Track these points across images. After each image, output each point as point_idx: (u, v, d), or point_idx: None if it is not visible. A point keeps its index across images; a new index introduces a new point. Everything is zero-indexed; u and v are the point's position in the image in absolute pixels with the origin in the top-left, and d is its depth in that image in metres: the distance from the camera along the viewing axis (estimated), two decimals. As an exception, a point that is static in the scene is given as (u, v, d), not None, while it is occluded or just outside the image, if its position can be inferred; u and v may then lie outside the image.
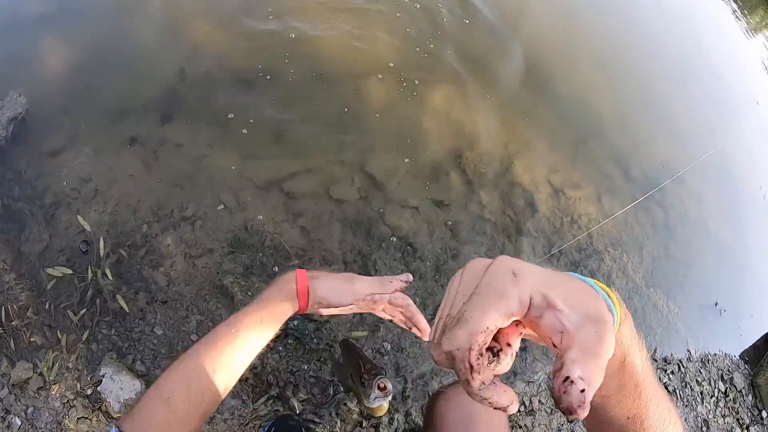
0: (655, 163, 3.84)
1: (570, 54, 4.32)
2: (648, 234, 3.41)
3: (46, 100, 2.86)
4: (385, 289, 1.12)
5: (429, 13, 3.75)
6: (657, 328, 3.06)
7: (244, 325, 1.06)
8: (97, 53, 3.12)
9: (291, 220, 2.54)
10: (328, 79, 3.14)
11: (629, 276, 3.12)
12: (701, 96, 4.97)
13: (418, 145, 2.99)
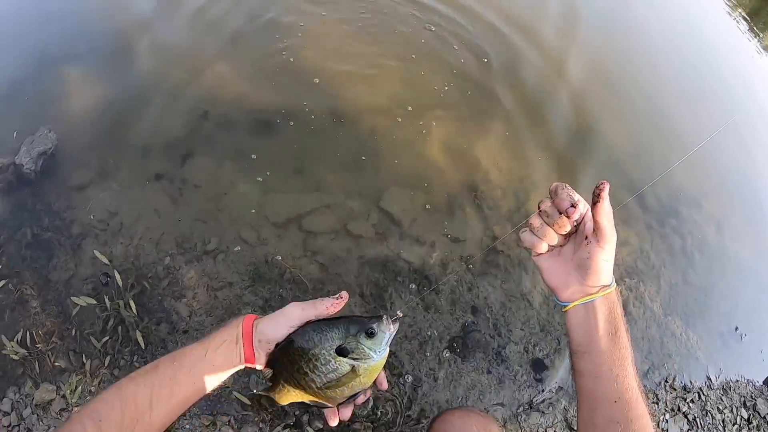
0: (670, 189, 3.83)
1: (580, 85, 4.35)
2: (665, 262, 3.39)
3: (74, 136, 3.01)
4: (318, 312, 1.05)
5: (442, 56, 3.88)
6: (676, 356, 3.02)
7: (188, 360, 1.01)
8: (124, 92, 3.26)
9: (309, 255, 2.62)
10: (346, 119, 3.26)
11: (646, 305, 3.12)
12: (718, 117, 4.95)
13: (434, 181, 3.06)
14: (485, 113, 3.61)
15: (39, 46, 3.54)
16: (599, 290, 1.00)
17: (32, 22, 3.76)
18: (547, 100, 3.92)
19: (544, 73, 4.16)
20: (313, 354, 0.98)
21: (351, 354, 0.97)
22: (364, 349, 0.97)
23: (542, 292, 2.80)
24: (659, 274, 3.31)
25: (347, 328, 0.98)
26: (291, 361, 1.00)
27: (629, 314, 3.01)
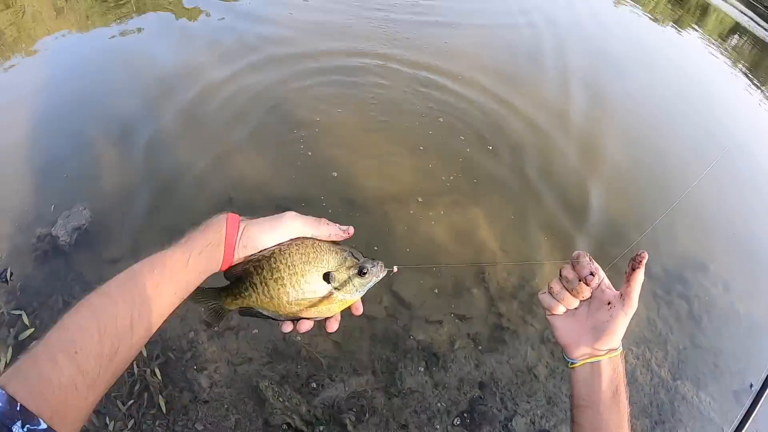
0: (675, 255, 3.97)
1: (580, 158, 4.62)
2: (672, 328, 3.50)
3: (108, 213, 3.32)
4: (319, 233, 1.00)
5: (450, 146, 4.23)
6: (688, 421, 3.08)
7: (169, 267, 0.90)
8: (155, 176, 3.61)
9: (325, 334, 2.80)
10: (360, 209, 3.56)
11: (654, 371, 3.22)
12: (727, 184, 5.11)
13: (442, 263, 3.30)
14: (491, 199, 3.89)
15: (78, 127, 3.97)
16: (607, 352, 1.07)
17: (73, 104, 4.24)
18: (550, 183, 4.17)
19: (548, 158, 4.45)
20: (301, 269, 0.95)
21: (335, 283, 0.97)
22: (350, 284, 0.98)
23: (548, 365, 2.96)
24: (666, 340, 3.42)
25: (345, 259, 0.99)
26: (273, 269, 0.96)
27: (636, 381, 3.12)
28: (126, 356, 0.83)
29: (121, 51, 5.05)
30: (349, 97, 4.57)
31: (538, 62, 6.07)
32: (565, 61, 6.17)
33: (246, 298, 1.00)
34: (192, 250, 0.93)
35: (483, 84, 5.10)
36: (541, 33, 6.83)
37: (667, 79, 7.11)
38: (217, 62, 4.78)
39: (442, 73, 5.12)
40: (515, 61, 5.99)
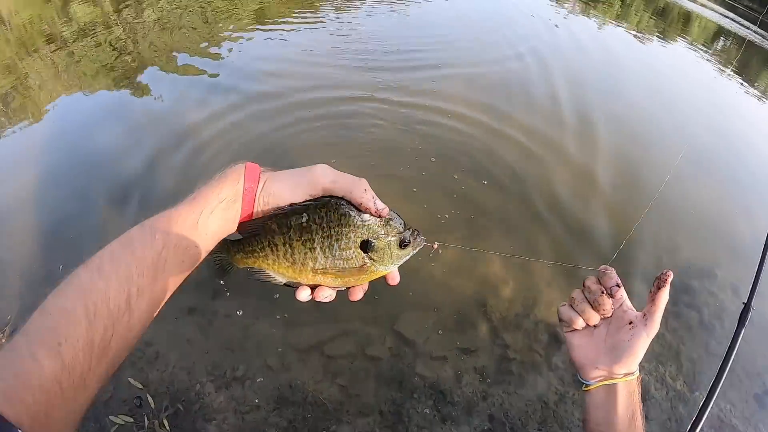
0: (678, 265, 3.97)
1: (566, 176, 4.68)
2: (683, 339, 3.46)
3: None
4: (353, 197, 0.82)
5: (444, 185, 4.31)
6: (709, 431, 3.02)
7: (175, 230, 0.75)
8: None
9: (330, 378, 2.90)
10: None
11: (668, 385, 3.18)
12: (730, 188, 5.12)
13: (444, 300, 3.35)
14: (490, 233, 3.94)
15: (83, 188, 4.15)
16: (624, 375, 1.04)
17: (77, 166, 4.46)
18: (550, 212, 4.22)
19: (546, 188, 4.51)
20: (337, 232, 0.81)
21: (372, 252, 0.84)
22: (388, 255, 0.85)
23: (557, 391, 2.95)
24: (678, 352, 3.38)
25: (388, 227, 0.84)
26: (303, 228, 0.81)
27: (652, 398, 3.08)
28: (124, 341, 0.69)
29: (120, 111, 5.37)
30: (341, 146, 4.70)
31: (529, 93, 6.22)
32: (554, 90, 6.32)
33: (262, 258, 0.86)
34: (203, 208, 0.78)
35: (473, 119, 5.23)
36: (529, 66, 7.01)
37: (659, 94, 7.20)
38: (208, 117, 5.03)
39: (431, 110, 5.28)
40: (504, 94, 6.12)
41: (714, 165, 5.51)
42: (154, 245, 0.73)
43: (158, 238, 0.73)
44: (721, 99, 7.82)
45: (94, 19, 10.19)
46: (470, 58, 7.01)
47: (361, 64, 6.33)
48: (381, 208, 0.82)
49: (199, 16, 9.64)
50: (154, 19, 9.73)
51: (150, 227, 0.75)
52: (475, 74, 6.46)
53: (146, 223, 0.76)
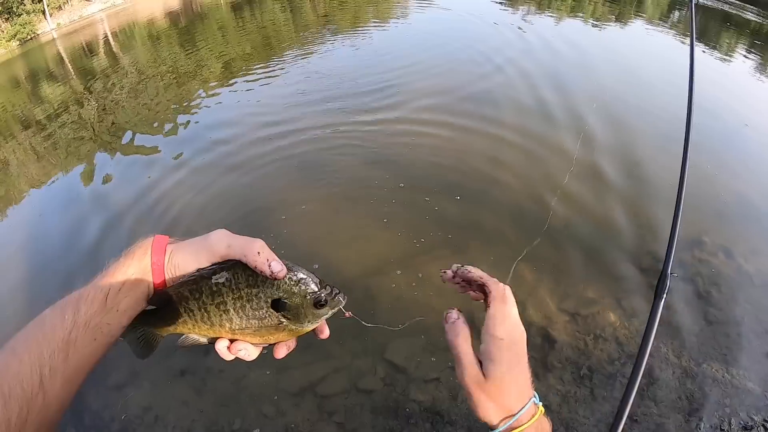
0: (663, 241, 3.88)
1: (545, 176, 4.68)
2: (682, 313, 3.39)
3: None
4: (248, 261, 0.79)
5: (416, 209, 4.38)
6: (724, 399, 2.92)
7: (84, 310, 0.76)
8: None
9: (326, 418, 2.90)
10: (341, 283, 3.59)
11: (673, 363, 3.11)
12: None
13: (430, 322, 3.28)
14: (468, 245, 3.96)
15: (69, 263, 4.40)
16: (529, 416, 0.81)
17: (60, 244, 4.76)
18: (522, 218, 4.24)
19: (516, 196, 4.54)
20: (247, 293, 0.81)
21: (286, 312, 0.82)
22: (304, 315, 0.83)
23: (558, 392, 2.90)
24: (678, 327, 3.31)
25: (298, 283, 0.82)
26: (213, 293, 0.81)
27: (658, 380, 3.00)
28: (41, 420, 0.70)
29: (96, 190, 5.64)
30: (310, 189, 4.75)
31: (494, 103, 6.29)
32: (516, 98, 6.38)
33: (181, 325, 0.85)
34: (110, 287, 0.78)
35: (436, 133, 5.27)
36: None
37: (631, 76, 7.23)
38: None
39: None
40: (471, 103, 6.18)
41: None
42: (65, 325, 0.74)
43: (68, 318, 0.74)
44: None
45: (65, 99, 10.42)
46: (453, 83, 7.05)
47: (338, 106, 6.41)
48: (277, 271, 0.79)
49: (165, 82, 9.84)
50: (127, 89, 9.94)
51: (61, 307, 0.76)
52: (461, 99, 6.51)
53: (58, 303, 0.77)
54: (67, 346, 0.73)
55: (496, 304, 0.85)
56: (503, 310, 0.85)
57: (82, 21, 26.54)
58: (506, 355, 0.81)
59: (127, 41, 18.00)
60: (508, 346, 0.82)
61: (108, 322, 0.78)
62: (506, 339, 0.82)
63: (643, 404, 2.84)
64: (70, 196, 5.89)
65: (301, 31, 12.71)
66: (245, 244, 0.80)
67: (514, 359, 0.81)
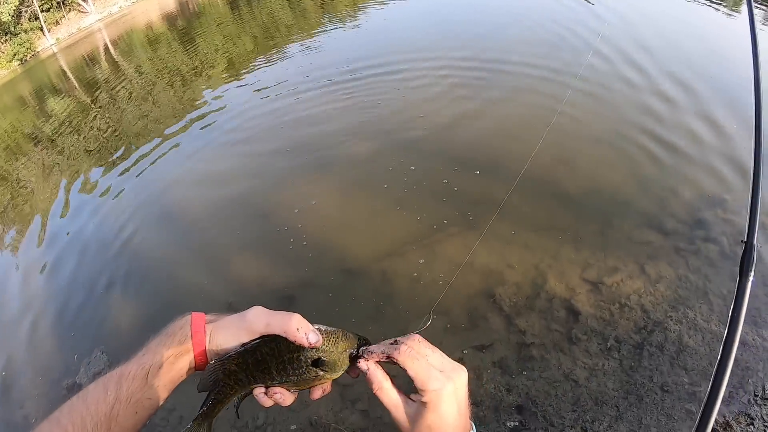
0: (687, 203, 3.77)
1: (562, 149, 4.54)
2: (708, 276, 3.27)
3: (125, 350, 3.48)
4: (289, 335, 0.82)
5: (432, 190, 4.32)
6: (756, 365, 2.80)
7: (126, 386, 0.81)
8: (160, 304, 3.86)
9: (350, 406, 2.84)
10: (358, 275, 3.65)
11: (702, 329, 3.00)
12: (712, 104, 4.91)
13: (450, 301, 3.25)
14: (484, 221, 3.80)
15: (85, 279, 4.37)
16: None
17: (76, 256, 4.74)
18: (540, 189, 4.10)
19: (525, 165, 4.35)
20: (289, 358, 0.86)
21: (323, 366, 0.87)
22: (340, 366, 0.88)
23: (585, 365, 2.81)
24: (706, 291, 3.20)
25: (337, 345, 0.87)
26: (258, 362, 0.86)
27: (687, 347, 2.90)
28: None
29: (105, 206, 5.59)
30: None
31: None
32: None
33: (231, 396, 0.92)
34: (151, 365, 0.84)
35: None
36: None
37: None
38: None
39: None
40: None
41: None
42: (107, 399, 0.79)
43: (110, 393, 0.80)
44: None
45: (71, 111, 10.47)
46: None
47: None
48: (314, 341, 0.83)
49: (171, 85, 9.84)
50: (127, 98, 9.97)
51: (103, 383, 0.82)
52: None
53: (100, 379, 0.82)
54: (109, 420, 0.79)
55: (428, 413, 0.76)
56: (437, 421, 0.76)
57: (80, 33, 26.65)
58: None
59: (127, 48, 18.03)
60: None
61: (149, 397, 0.83)
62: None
63: (673, 373, 2.75)
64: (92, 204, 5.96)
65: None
66: (283, 322, 0.84)
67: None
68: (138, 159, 6.66)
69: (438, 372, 0.75)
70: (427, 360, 0.76)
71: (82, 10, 28.84)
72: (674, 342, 2.92)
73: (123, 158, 6.86)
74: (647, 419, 2.56)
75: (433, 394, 0.74)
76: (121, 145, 7.44)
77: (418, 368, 0.75)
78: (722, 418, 2.58)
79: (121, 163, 6.73)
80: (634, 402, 2.63)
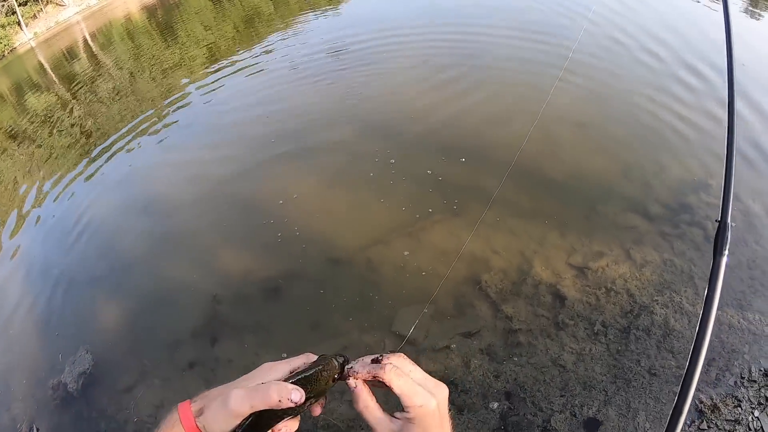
0: (671, 188, 3.78)
1: (547, 136, 4.51)
2: (693, 260, 3.28)
3: (111, 347, 3.52)
4: (266, 401, 0.80)
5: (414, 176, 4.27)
6: (742, 347, 2.82)
7: None
8: (144, 299, 3.82)
9: (338, 398, 2.81)
10: (343, 264, 3.62)
11: (689, 312, 3.01)
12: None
13: (436, 288, 3.21)
14: (471, 208, 3.83)
15: (66, 275, 4.30)
16: None
17: (56, 251, 4.67)
18: (525, 175, 4.06)
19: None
20: (283, 411, 0.86)
21: (315, 398, 0.87)
22: (328, 390, 0.89)
23: (573, 350, 2.80)
24: (691, 274, 3.21)
25: (318, 380, 0.87)
26: (259, 424, 0.85)
27: (673, 331, 2.91)
28: None
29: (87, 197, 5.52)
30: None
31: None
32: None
33: None
34: None
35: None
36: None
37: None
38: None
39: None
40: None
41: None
42: None
43: None
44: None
45: (50, 106, 10.27)
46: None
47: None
48: (298, 400, 0.80)
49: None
50: (110, 91, 9.81)
51: None
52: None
53: None
54: None
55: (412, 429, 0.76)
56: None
57: (58, 27, 26.10)
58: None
59: (106, 41, 17.72)
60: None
61: None
62: None
63: (660, 356, 2.76)
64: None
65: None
66: (264, 400, 0.81)
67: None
68: (117, 151, 6.55)
69: (422, 389, 0.76)
70: (411, 377, 0.77)
71: (60, 3, 28.27)
72: (660, 326, 2.93)
73: (104, 152, 6.73)
74: (635, 403, 2.56)
75: (419, 410, 0.74)
76: (101, 138, 7.31)
77: (404, 385, 0.75)
78: (710, 401, 2.59)
79: (102, 156, 6.61)
80: (622, 386, 2.64)
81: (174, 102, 7.78)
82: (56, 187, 6.21)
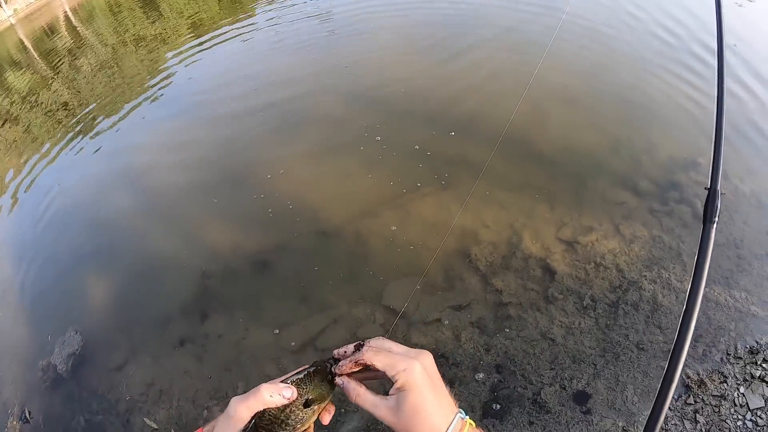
0: (661, 165, 3.78)
1: (537, 108, 4.48)
2: (681, 236, 3.29)
3: (101, 326, 3.49)
4: (267, 405, 0.84)
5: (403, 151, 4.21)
6: (728, 324, 2.85)
7: None
8: (133, 277, 3.78)
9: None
10: (332, 236, 3.57)
11: (676, 288, 3.03)
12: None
13: (426, 261, 3.21)
14: (460, 181, 3.80)
15: (52, 256, 4.22)
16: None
17: (41, 232, 4.59)
18: (515, 148, 4.05)
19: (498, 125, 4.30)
20: (285, 415, 0.90)
21: (314, 402, 0.92)
22: (328, 393, 0.93)
23: (562, 324, 2.81)
24: (679, 251, 3.22)
25: (311, 380, 0.93)
26: (265, 428, 0.89)
27: (661, 306, 2.92)
28: None
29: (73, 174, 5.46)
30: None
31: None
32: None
33: None
34: None
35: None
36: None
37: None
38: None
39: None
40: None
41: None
42: None
43: None
44: None
45: (32, 84, 10.03)
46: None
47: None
48: (290, 396, 0.86)
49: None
50: (93, 66, 9.59)
51: None
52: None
53: None
54: None
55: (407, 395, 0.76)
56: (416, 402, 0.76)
57: (39, 2, 25.49)
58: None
59: (88, 16, 17.33)
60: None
61: None
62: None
63: (648, 331, 2.77)
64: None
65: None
66: (258, 400, 0.85)
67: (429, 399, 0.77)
68: (102, 129, 6.41)
69: (402, 357, 0.77)
70: (390, 351, 0.79)
71: (40, -21, 27.61)
72: (648, 301, 2.94)
73: (88, 129, 6.58)
74: (624, 377, 2.57)
75: (404, 374, 0.75)
76: (86, 115, 7.14)
77: (384, 358, 0.77)
78: (696, 376, 2.61)
79: (87, 133, 6.46)
80: (611, 360, 2.65)
81: (158, 75, 7.63)
82: (38, 165, 6.08)
